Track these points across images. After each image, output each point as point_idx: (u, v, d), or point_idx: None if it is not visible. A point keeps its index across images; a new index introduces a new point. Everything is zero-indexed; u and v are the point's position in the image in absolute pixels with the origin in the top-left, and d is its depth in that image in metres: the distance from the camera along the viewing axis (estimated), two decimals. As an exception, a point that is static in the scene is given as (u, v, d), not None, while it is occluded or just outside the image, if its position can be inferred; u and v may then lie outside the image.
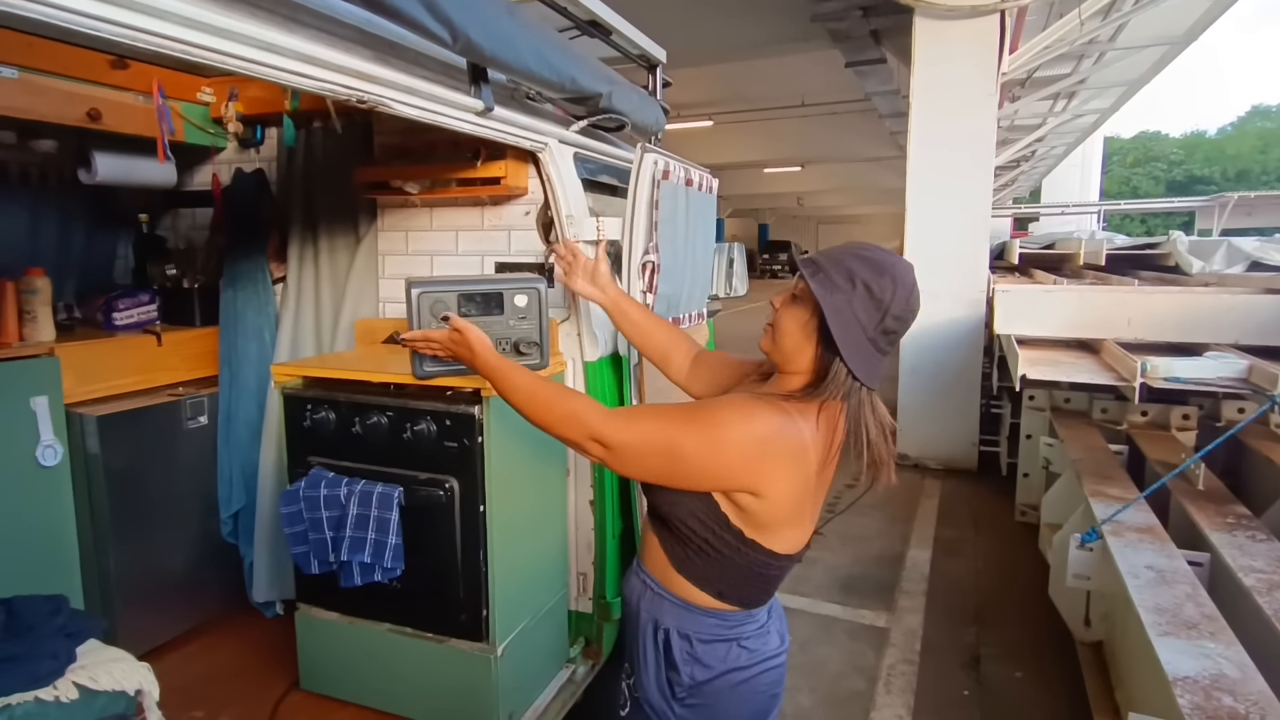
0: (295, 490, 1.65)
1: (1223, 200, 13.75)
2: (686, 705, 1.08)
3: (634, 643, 1.14)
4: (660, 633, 1.10)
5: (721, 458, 0.97)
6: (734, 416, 0.98)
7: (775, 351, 1.07)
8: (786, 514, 1.02)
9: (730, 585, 1.07)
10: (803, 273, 1.01)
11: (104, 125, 1.89)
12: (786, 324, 1.04)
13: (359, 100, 1.24)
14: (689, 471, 0.99)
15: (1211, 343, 3.09)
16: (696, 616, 1.08)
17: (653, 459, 1.00)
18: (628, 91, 1.96)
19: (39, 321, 1.88)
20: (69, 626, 1.25)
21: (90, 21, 0.83)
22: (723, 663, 1.08)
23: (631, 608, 1.15)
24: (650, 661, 1.11)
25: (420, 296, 1.40)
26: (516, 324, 1.47)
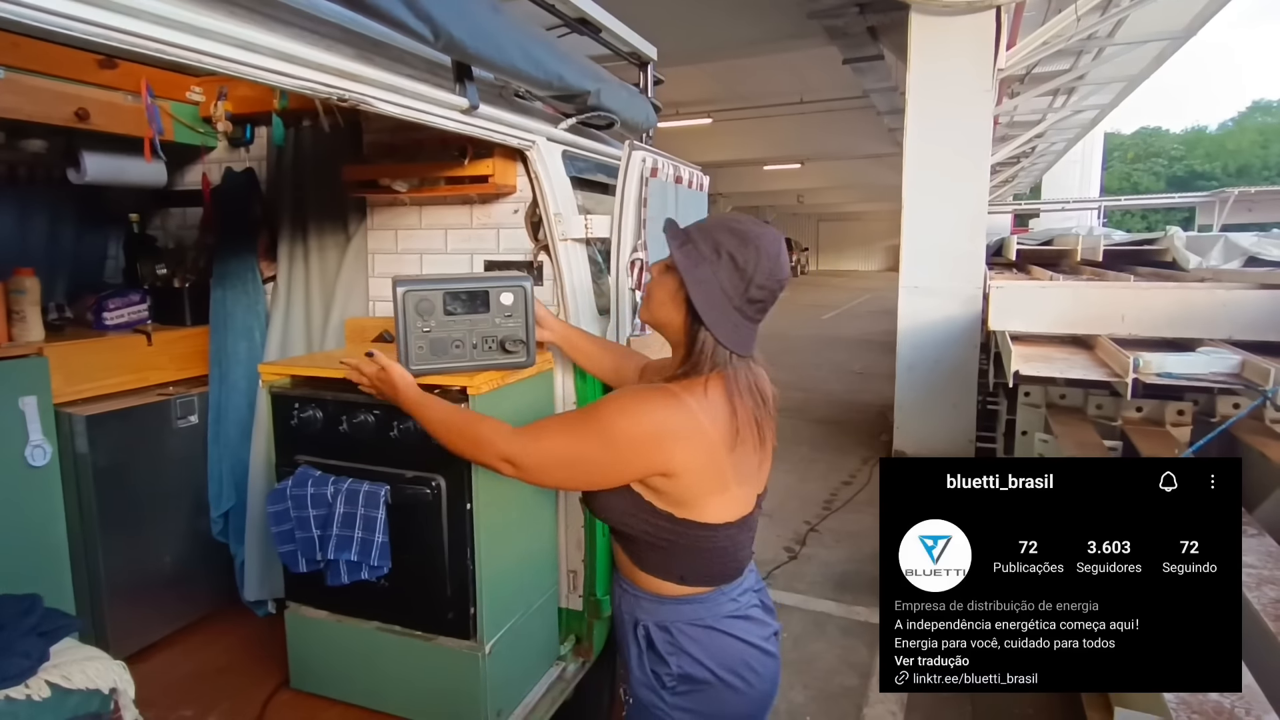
0: (282, 489, 1.65)
1: (1223, 196, 13.72)
2: (678, 694, 1.10)
3: (622, 644, 1.18)
4: (641, 629, 1.12)
5: (617, 453, 1.02)
6: (619, 412, 1.03)
7: (650, 319, 1.13)
8: (704, 486, 1.05)
9: (688, 568, 1.10)
10: (670, 244, 1.06)
11: (92, 125, 1.88)
12: (658, 294, 1.09)
13: (340, 99, 1.24)
14: (593, 473, 1.05)
15: (1205, 338, 3.08)
16: (671, 606, 1.10)
17: (558, 469, 1.07)
18: (617, 89, 1.95)
19: (28, 321, 1.88)
20: (42, 625, 1.25)
21: (64, 21, 0.83)
22: (709, 655, 1.09)
23: (617, 613, 1.21)
24: (634, 658, 1.13)
25: (406, 295, 1.42)
26: (502, 322, 1.50)
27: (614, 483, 1.05)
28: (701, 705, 1.10)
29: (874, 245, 29.94)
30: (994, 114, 5.13)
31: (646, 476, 1.04)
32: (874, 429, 5.52)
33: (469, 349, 1.49)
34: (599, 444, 1.03)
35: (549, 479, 1.12)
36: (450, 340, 1.47)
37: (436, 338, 1.46)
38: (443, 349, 1.46)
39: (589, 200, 2.09)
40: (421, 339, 1.45)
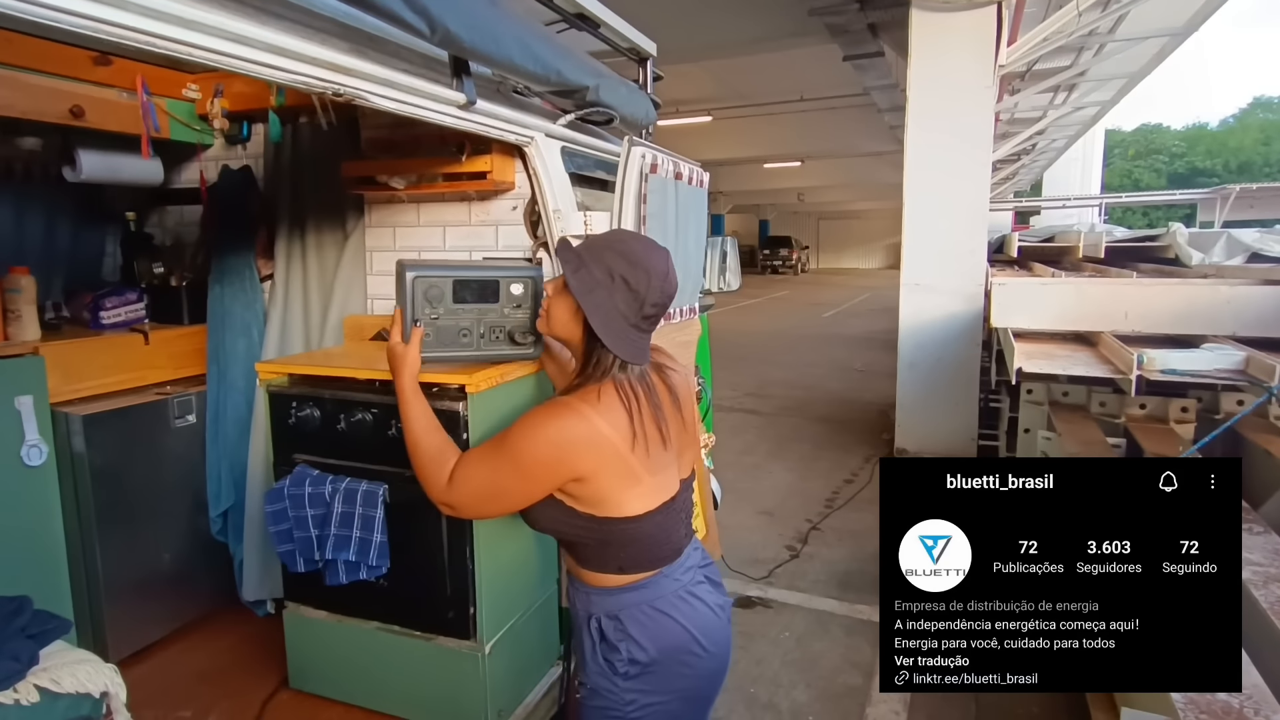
0: (280, 488, 1.64)
1: (1224, 193, 13.70)
2: (629, 678, 1.14)
3: (577, 640, 1.23)
4: (593, 621, 1.17)
5: (530, 473, 1.09)
6: (522, 436, 1.09)
7: (549, 331, 1.21)
8: (615, 484, 1.11)
9: (624, 558, 1.15)
10: (564, 269, 1.13)
11: (88, 122, 1.87)
12: (557, 312, 1.18)
13: (336, 94, 1.22)
14: (516, 497, 1.12)
15: (1209, 335, 3.07)
16: (618, 596, 1.15)
17: (488, 503, 1.15)
18: (616, 85, 1.94)
19: (24, 320, 1.87)
20: (31, 627, 1.23)
21: (58, 15, 0.81)
22: (656, 636, 1.14)
23: (573, 610, 1.26)
24: (588, 648, 1.18)
25: (415, 280, 1.37)
26: (511, 312, 1.46)
27: (536, 499, 1.12)
28: (651, 685, 1.14)
29: (875, 243, 29.90)
30: (995, 111, 5.11)
31: (561, 485, 1.10)
32: (876, 427, 5.51)
33: (476, 339, 1.45)
34: (512, 470, 1.09)
35: (484, 512, 1.21)
36: (458, 329, 1.43)
37: (444, 325, 1.41)
38: (450, 338, 1.42)
39: (588, 197, 2.07)
40: (429, 326, 1.39)
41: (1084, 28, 5.25)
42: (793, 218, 29.34)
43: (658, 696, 1.15)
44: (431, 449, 1.19)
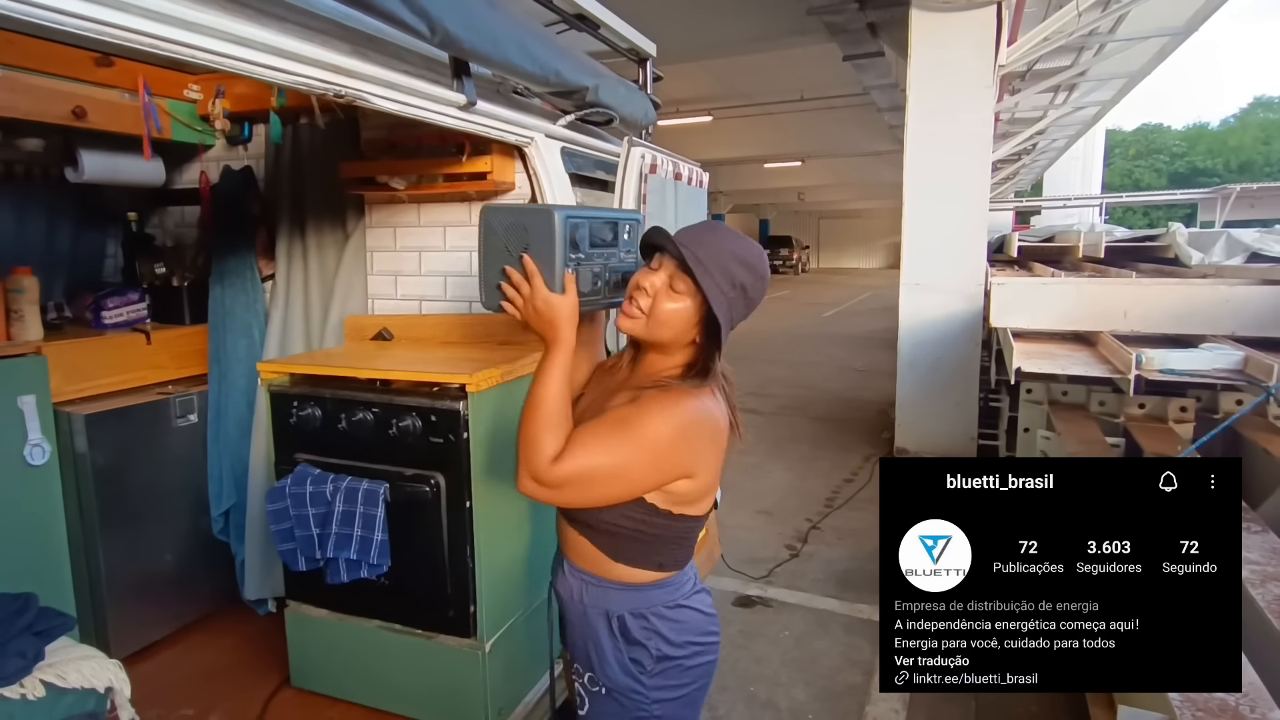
0: (281, 487, 1.65)
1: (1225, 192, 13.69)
2: (654, 676, 1.12)
3: (584, 639, 1.15)
4: (614, 620, 1.13)
5: (656, 456, 1.02)
6: (667, 419, 1.02)
7: (649, 335, 1.10)
8: (710, 486, 1.09)
9: (667, 555, 1.12)
10: (697, 279, 1.04)
11: (90, 123, 1.88)
12: (668, 315, 1.08)
13: (337, 95, 1.23)
14: (631, 482, 1.04)
15: (1208, 334, 3.07)
16: (644, 593, 1.12)
17: (591, 486, 1.03)
18: (615, 85, 1.94)
19: (26, 320, 1.88)
20: (37, 624, 1.25)
21: (60, 17, 0.82)
22: (679, 630, 1.13)
23: (575, 606, 1.16)
24: (608, 649, 1.13)
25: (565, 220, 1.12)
26: (625, 257, 1.30)
27: (648, 490, 1.05)
28: (674, 679, 1.13)
29: (875, 243, 29.88)
30: (995, 111, 5.11)
31: (676, 479, 1.05)
32: (876, 426, 5.51)
33: (602, 285, 1.25)
34: (636, 452, 1.02)
35: (581, 497, 1.06)
36: (592, 274, 1.22)
37: (583, 273, 1.19)
38: (587, 284, 1.21)
39: (588, 197, 2.08)
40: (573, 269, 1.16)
41: (1084, 27, 5.25)
42: (793, 217, 29.32)
43: (680, 690, 1.15)
44: (548, 417, 1.04)
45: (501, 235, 1.11)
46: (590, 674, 1.16)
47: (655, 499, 1.07)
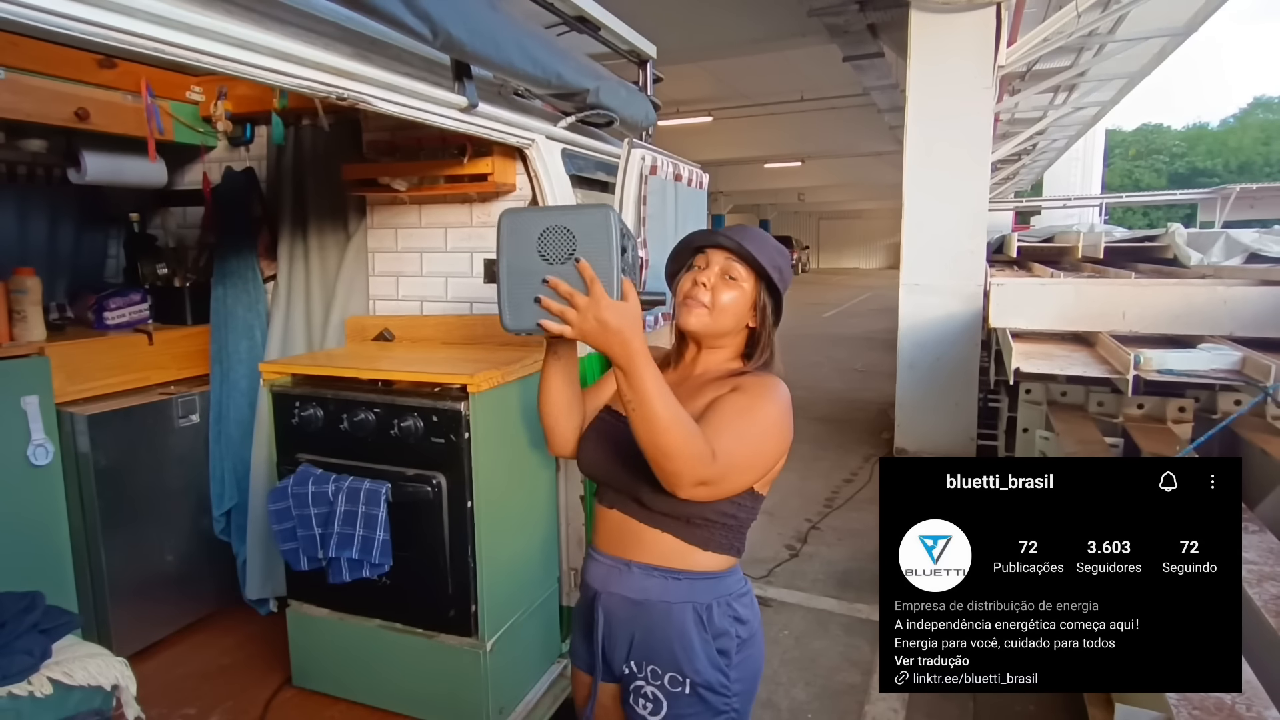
0: (283, 487, 1.65)
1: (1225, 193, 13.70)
2: (735, 665, 1.15)
3: (668, 638, 1.12)
4: (703, 611, 1.13)
5: (781, 441, 1.11)
6: (777, 402, 1.10)
7: (714, 325, 1.16)
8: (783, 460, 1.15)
9: (741, 540, 1.18)
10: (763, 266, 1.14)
11: (92, 125, 1.89)
12: (729, 304, 1.15)
13: (340, 97, 1.24)
14: (768, 460, 1.10)
15: (1206, 335, 3.08)
16: (725, 580, 1.16)
17: (745, 473, 1.07)
18: (616, 87, 1.95)
19: (29, 321, 1.88)
20: (44, 623, 1.26)
21: (64, 21, 0.83)
22: (752, 611, 1.18)
23: (654, 607, 1.13)
24: (697, 642, 1.12)
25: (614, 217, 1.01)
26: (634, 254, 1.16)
27: (778, 464, 1.13)
28: (748, 667, 1.17)
29: (875, 243, 29.88)
30: (995, 111, 5.12)
31: (781, 457, 1.13)
32: (875, 427, 5.51)
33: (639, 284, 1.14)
34: (776, 437, 1.09)
35: (739, 484, 1.06)
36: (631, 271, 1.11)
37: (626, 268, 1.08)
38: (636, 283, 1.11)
39: (588, 198, 2.09)
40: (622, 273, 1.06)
41: (1084, 28, 5.26)
42: (793, 218, 29.31)
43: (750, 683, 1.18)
44: (685, 422, 0.95)
45: (536, 244, 0.97)
46: (673, 674, 1.13)
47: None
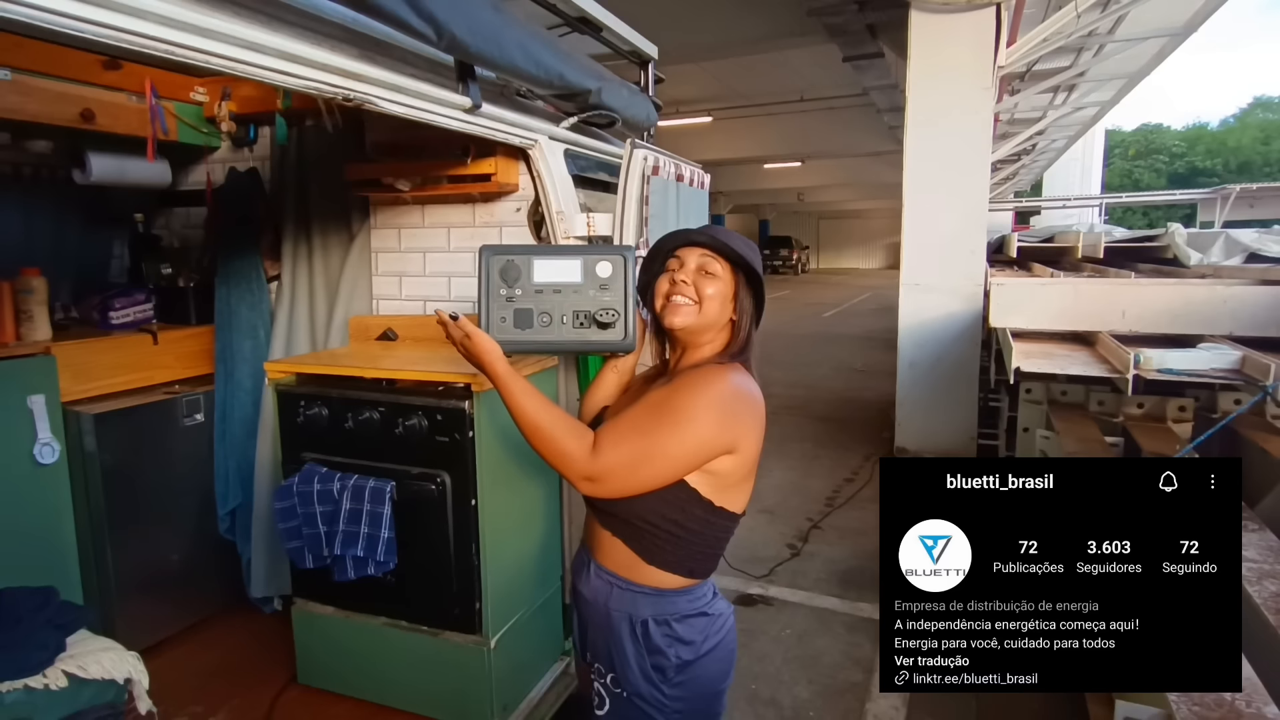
0: (289, 486, 1.66)
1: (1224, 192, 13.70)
2: (675, 684, 1.13)
3: (607, 641, 1.15)
4: (638, 625, 1.13)
5: (701, 431, 1.04)
6: (696, 391, 1.07)
7: (700, 320, 1.16)
8: (751, 466, 1.12)
9: (699, 561, 1.13)
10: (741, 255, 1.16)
11: (97, 125, 1.90)
12: (715, 297, 1.16)
13: (345, 98, 1.25)
14: (673, 464, 1.05)
15: (1206, 334, 3.08)
16: (671, 599, 1.12)
17: (637, 474, 1.05)
18: (618, 88, 1.96)
19: (35, 321, 1.89)
20: (58, 618, 1.27)
21: (70, 22, 0.84)
22: (702, 635, 1.13)
23: (599, 608, 1.16)
24: (631, 654, 1.13)
25: (490, 258, 1.24)
26: (597, 294, 1.28)
27: (688, 470, 1.07)
28: (693, 687, 1.14)
29: (874, 243, 29.89)
30: (994, 111, 5.13)
31: (717, 456, 1.07)
32: (876, 426, 5.52)
33: (558, 323, 1.28)
34: (681, 429, 1.04)
35: (627, 487, 1.07)
36: (538, 312, 1.26)
37: (521, 308, 1.25)
38: (527, 321, 1.26)
39: (591, 199, 2.10)
40: (504, 308, 1.24)
41: (1083, 28, 5.27)
42: (793, 218, 29.31)
43: (696, 702, 1.15)
44: (559, 422, 1.07)
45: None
46: (612, 675, 1.16)
47: (698, 483, 1.08)
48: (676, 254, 1.17)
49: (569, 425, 1.07)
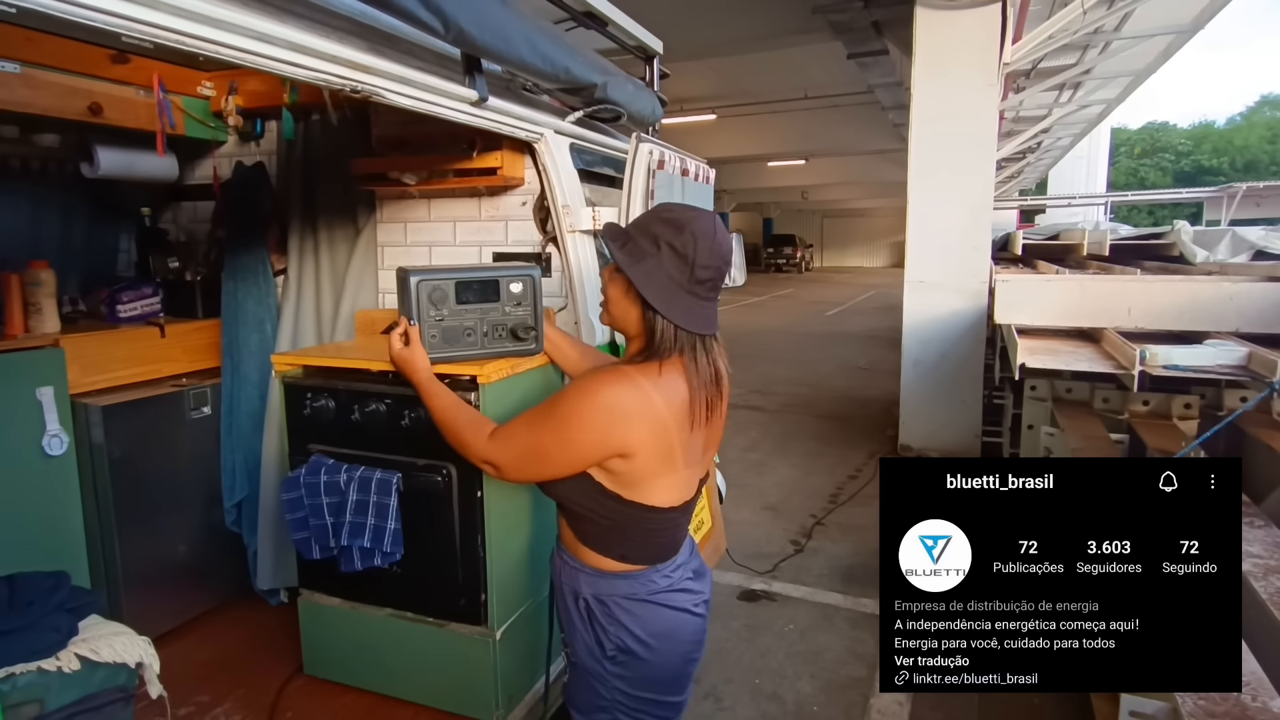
0: (296, 477, 1.67)
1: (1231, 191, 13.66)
2: (617, 663, 1.16)
3: (563, 613, 1.23)
4: (581, 602, 1.17)
5: (576, 438, 1.07)
6: (575, 398, 1.09)
7: (610, 321, 1.18)
8: (655, 467, 1.10)
9: (629, 547, 1.15)
10: (610, 245, 1.13)
11: (105, 119, 1.91)
12: (612, 293, 1.15)
13: (353, 90, 1.25)
14: (560, 462, 1.10)
15: (1212, 331, 3.08)
16: (610, 580, 1.16)
17: (530, 465, 1.13)
18: (623, 82, 1.96)
19: (44, 313, 1.90)
20: (69, 601, 1.29)
21: (84, 12, 0.84)
22: (645, 626, 1.15)
23: (556, 583, 1.24)
24: (578, 628, 1.18)
25: (420, 284, 1.45)
26: (513, 310, 1.53)
27: (578, 468, 1.09)
28: (634, 672, 1.16)
29: (879, 241, 29.84)
30: (999, 109, 5.11)
31: (605, 459, 1.08)
32: (880, 424, 5.52)
33: (480, 337, 1.52)
34: (558, 433, 1.08)
35: (524, 475, 1.17)
36: (462, 329, 1.50)
37: (449, 326, 1.49)
38: (455, 337, 1.50)
39: (596, 193, 2.10)
40: (434, 327, 1.47)
41: (1089, 25, 5.25)
42: (797, 216, 29.28)
43: (645, 686, 1.17)
44: (462, 416, 1.23)
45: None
46: (568, 648, 1.23)
47: (601, 478, 1.10)
48: None
49: (469, 418, 1.23)
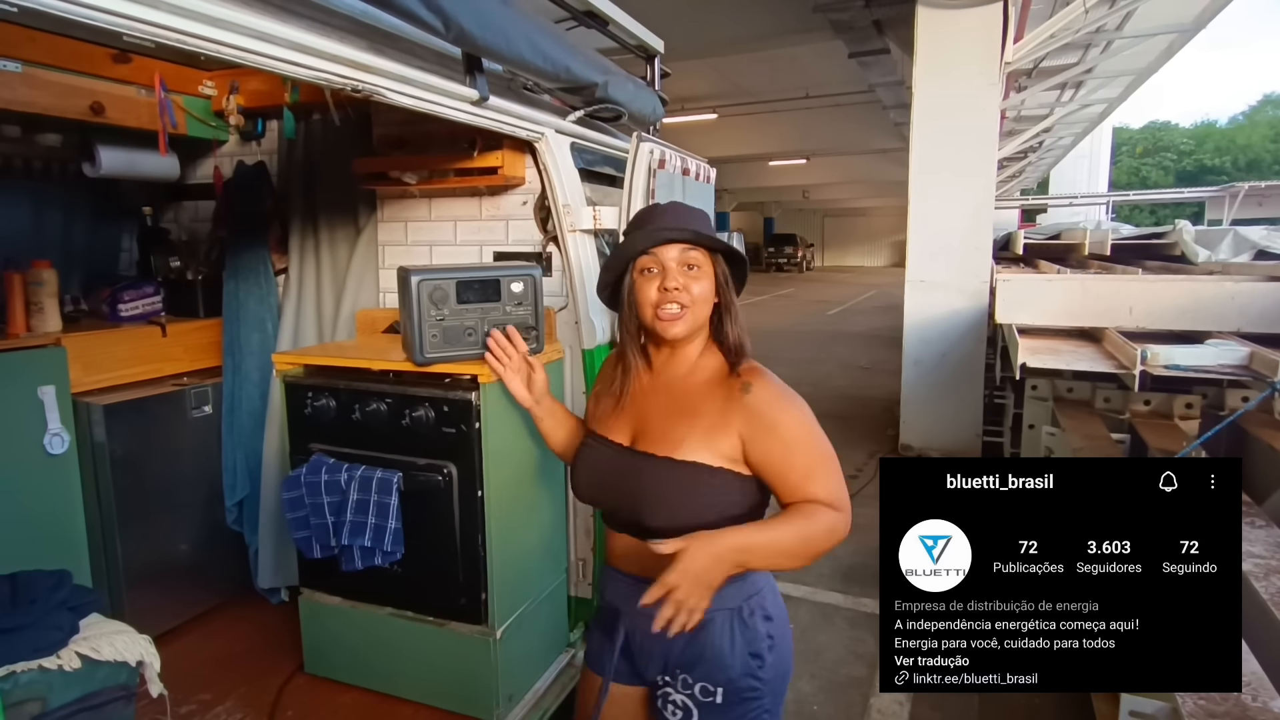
0: (296, 476, 1.67)
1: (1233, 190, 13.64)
2: (767, 662, 1.13)
3: (699, 650, 1.12)
4: (735, 615, 1.12)
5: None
6: (807, 413, 1.13)
7: (694, 324, 1.13)
8: None
9: None
10: (715, 246, 1.13)
11: (107, 119, 1.91)
12: (703, 294, 1.13)
13: (354, 89, 1.25)
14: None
15: (1214, 330, 3.07)
16: (748, 579, 1.13)
17: (840, 475, 1.12)
18: (624, 81, 1.96)
19: (46, 312, 1.91)
20: (71, 600, 1.29)
21: (86, 11, 0.84)
22: (777, 606, 1.17)
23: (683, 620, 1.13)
24: (728, 650, 1.11)
25: (420, 284, 1.45)
26: (513, 309, 1.53)
27: None
28: (779, 665, 1.15)
29: (880, 241, 29.81)
30: (1001, 108, 5.11)
31: None
32: (881, 423, 5.52)
33: (480, 336, 1.51)
34: (826, 443, 1.13)
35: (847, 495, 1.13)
36: (463, 328, 1.51)
37: (449, 326, 1.49)
38: (455, 337, 1.50)
39: (596, 192, 2.10)
40: (435, 327, 1.48)
41: (1091, 24, 5.25)
42: (798, 215, 29.25)
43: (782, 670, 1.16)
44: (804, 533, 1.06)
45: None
46: (704, 684, 1.12)
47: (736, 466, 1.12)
48: (651, 252, 1.11)
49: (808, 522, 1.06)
